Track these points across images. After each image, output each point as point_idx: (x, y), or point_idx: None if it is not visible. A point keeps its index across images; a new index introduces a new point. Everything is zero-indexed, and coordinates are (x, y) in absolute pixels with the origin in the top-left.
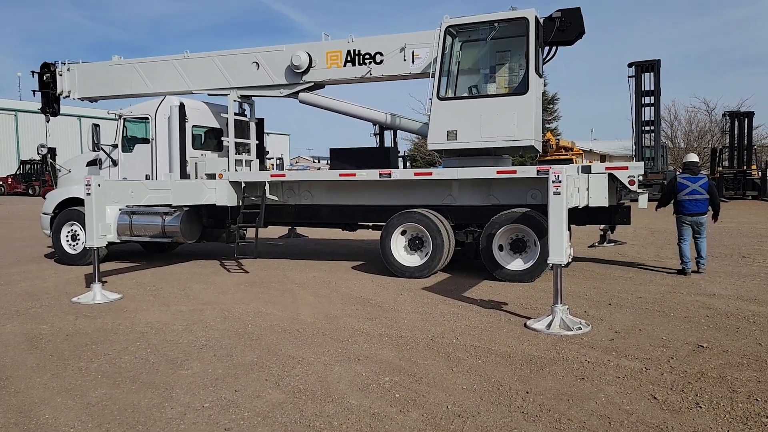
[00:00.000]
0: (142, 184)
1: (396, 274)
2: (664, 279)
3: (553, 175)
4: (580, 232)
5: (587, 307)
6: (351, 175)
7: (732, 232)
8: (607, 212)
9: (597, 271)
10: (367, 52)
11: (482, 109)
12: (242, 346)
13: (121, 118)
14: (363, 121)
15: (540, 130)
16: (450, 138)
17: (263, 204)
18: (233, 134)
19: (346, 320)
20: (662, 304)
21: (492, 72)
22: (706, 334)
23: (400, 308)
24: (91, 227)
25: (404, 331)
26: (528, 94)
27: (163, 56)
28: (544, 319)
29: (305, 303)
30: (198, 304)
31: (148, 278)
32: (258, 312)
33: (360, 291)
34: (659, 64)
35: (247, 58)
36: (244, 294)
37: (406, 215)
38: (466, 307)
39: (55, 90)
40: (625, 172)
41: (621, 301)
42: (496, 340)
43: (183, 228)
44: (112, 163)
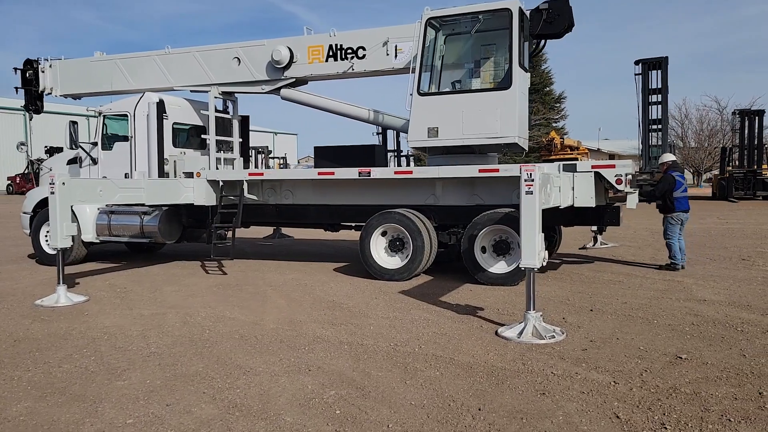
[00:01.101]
0: (112, 183)
1: (375, 277)
2: (654, 283)
3: (524, 173)
4: (573, 234)
5: (567, 313)
6: (330, 173)
7: (736, 233)
8: (595, 213)
9: (585, 274)
10: (349, 47)
11: (464, 104)
12: (191, 354)
13: (101, 115)
14: (346, 118)
15: (525, 126)
16: (431, 135)
17: (241, 203)
18: (214, 131)
19: (310, 326)
20: (647, 311)
21: (477, 66)
22: (688, 343)
23: (370, 313)
24: (54, 227)
25: (367, 338)
26: (511, 89)
27: (144, 52)
28: (515, 326)
29: (274, 307)
30: (163, 308)
31: (121, 280)
32: (221, 317)
33: (334, 294)
34: (666, 61)
35: (228, 53)
36: (213, 297)
37: (386, 215)
38: (439, 313)
39: (38, 87)
40: (611, 171)
41: (604, 307)
42: (462, 349)
43: (162, 228)
44: (92, 161)
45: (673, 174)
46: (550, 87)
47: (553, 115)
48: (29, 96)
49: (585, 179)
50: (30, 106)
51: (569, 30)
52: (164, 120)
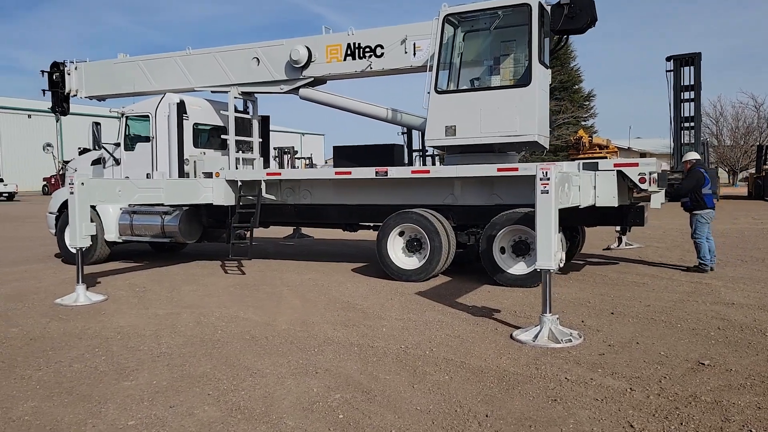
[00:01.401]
0: (131, 183)
1: (393, 278)
2: (680, 285)
3: (540, 171)
4: (597, 234)
5: (586, 316)
6: (347, 173)
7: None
8: (618, 213)
9: (609, 276)
10: (367, 45)
11: (482, 102)
12: (201, 355)
13: (123, 116)
14: (365, 117)
15: (546, 124)
16: (448, 134)
17: (259, 203)
18: (233, 132)
19: (322, 327)
20: (671, 314)
21: (496, 63)
22: (712, 349)
23: (384, 315)
24: (74, 227)
25: (378, 340)
26: (531, 86)
27: (166, 53)
28: (531, 329)
29: (288, 308)
30: (178, 308)
31: (141, 279)
32: (234, 317)
33: (350, 295)
34: (699, 57)
35: (248, 53)
36: (229, 297)
37: (403, 215)
38: (454, 315)
39: (64, 89)
40: (635, 169)
41: (625, 310)
42: (474, 352)
43: (182, 228)
44: (115, 162)
45: (702, 170)
46: (579, 85)
47: (582, 114)
48: (56, 98)
49: (607, 178)
50: (57, 107)
51: (592, 25)
52: (185, 120)
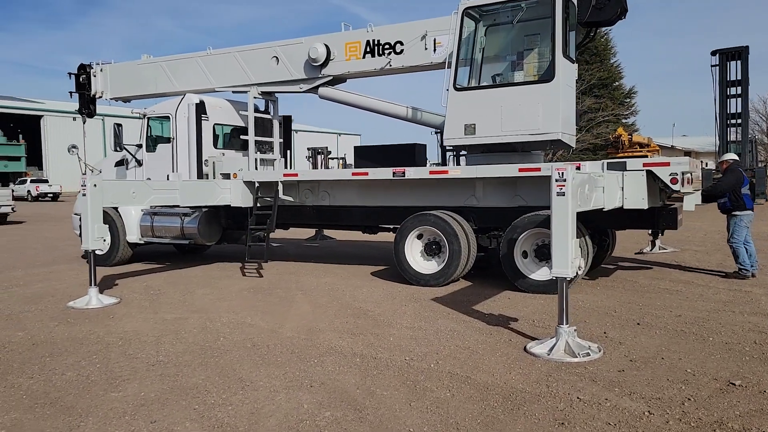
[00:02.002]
0: (145, 185)
1: (411, 282)
2: (717, 294)
3: (555, 172)
4: (631, 237)
5: (609, 327)
6: (363, 174)
7: None
8: (649, 215)
9: (640, 282)
10: (386, 42)
11: (503, 99)
12: (197, 365)
13: (145, 117)
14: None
15: (571, 122)
16: (468, 132)
17: (275, 205)
18: (253, 132)
19: (328, 336)
20: (703, 325)
21: (519, 59)
22: (745, 367)
23: (394, 322)
24: (86, 229)
25: (383, 351)
26: (554, 82)
27: (187, 53)
28: (546, 342)
29: (297, 314)
30: (187, 312)
31: (158, 281)
32: (240, 323)
33: (363, 301)
34: (747, 51)
35: (267, 52)
36: (241, 301)
37: (421, 218)
38: (467, 323)
39: (90, 91)
40: (665, 169)
41: (654, 321)
42: (482, 366)
43: (201, 229)
44: (137, 163)
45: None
46: (620, 81)
47: (623, 111)
48: (83, 100)
49: (635, 179)
50: (83, 109)
51: (622, 16)
52: (204, 121)
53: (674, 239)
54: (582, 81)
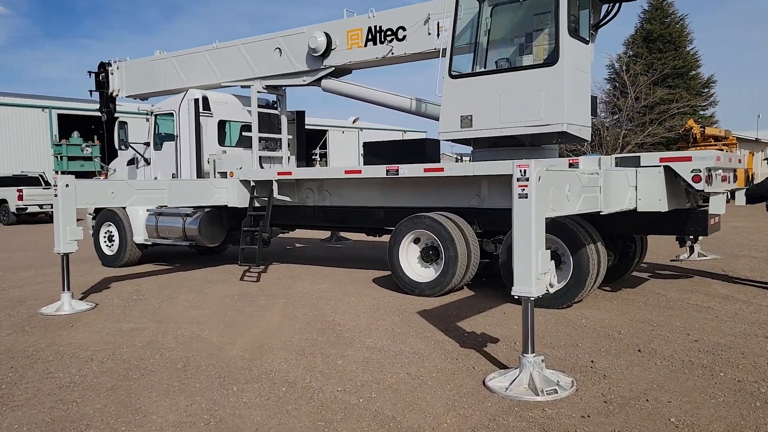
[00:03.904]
0: (127, 185)
1: (405, 291)
2: (756, 313)
3: (517, 170)
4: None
5: (602, 354)
6: (356, 172)
7: None
8: (674, 219)
9: (668, 296)
10: (388, 28)
11: (501, 87)
12: (106, 389)
13: (152, 114)
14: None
15: (582, 111)
16: (464, 125)
17: (269, 205)
18: (257, 128)
19: (274, 356)
20: (720, 356)
21: (521, 40)
22: (750, 417)
23: (358, 340)
24: (58, 232)
25: (319, 378)
26: (558, 65)
27: (196, 48)
28: (509, 373)
29: (261, 327)
30: (150, 322)
31: (151, 285)
32: (193, 337)
33: (343, 312)
34: None
35: (270, 44)
36: (213, 311)
37: (415, 220)
38: (439, 344)
39: (108, 89)
40: (686, 165)
41: (661, 347)
42: (420, 403)
43: (202, 230)
44: (145, 162)
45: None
46: (697, 70)
47: (700, 102)
48: (102, 99)
49: (651, 176)
50: (103, 108)
51: None
52: (208, 117)
53: (731, 244)
54: (653, 71)
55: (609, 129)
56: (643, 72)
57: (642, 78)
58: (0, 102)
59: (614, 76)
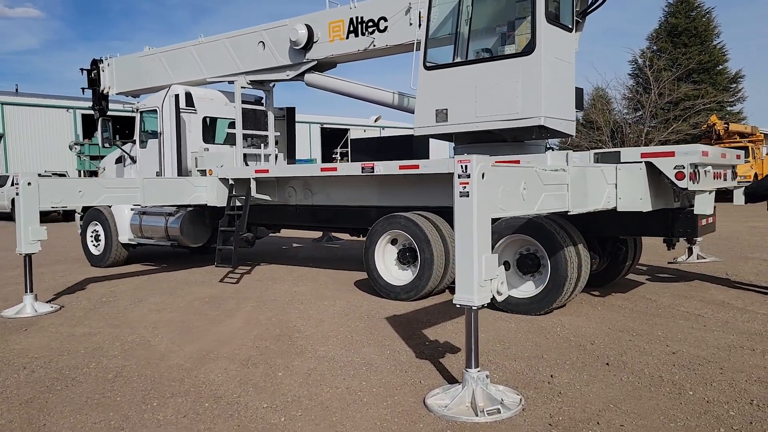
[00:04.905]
0: (96, 183)
1: (381, 295)
2: (749, 322)
3: (458, 166)
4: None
5: (565, 367)
6: (332, 169)
7: None
8: (661, 219)
9: (660, 302)
10: (370, 19)
11: (477, 78)
12: (19, 404)
13: (137, 111)
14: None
15: (564, 103)
16: (439, 119)
17: (247, 205)
18: (241, 125)
19: (217, 365)
20: (695, 371)
21: (509, 29)
22: None
23: (311, 349)
24: (20, 232)
25: (250, 392)
26: (535, 54)
27: (182, 43)
28: (452, 389)
29: (218, 333)
30: (107, 327)
31: (127, 286)
32: (142, 344)
33: (308, 318)
34: None
35: (254, 37)
36: (177, 314)
37: (391, 220)
38: (394, 354)
39: (100, 87)
40: (669, 161)
41: (633, 360)
42: (344, 424)
43: (185, 230)
44: (131, 160)
45: None
46: (724, 65)
47: (727, 98)
48: (95, 96)
49: (631, 173)
50: (95, 106)
51: None
52: (192, 114)
53: (744, 245)
54: (678, 66)
55: (631, 126)
56: (667, 67)
57: (666, 73)
58: (26, 103)
59: (637, 72)
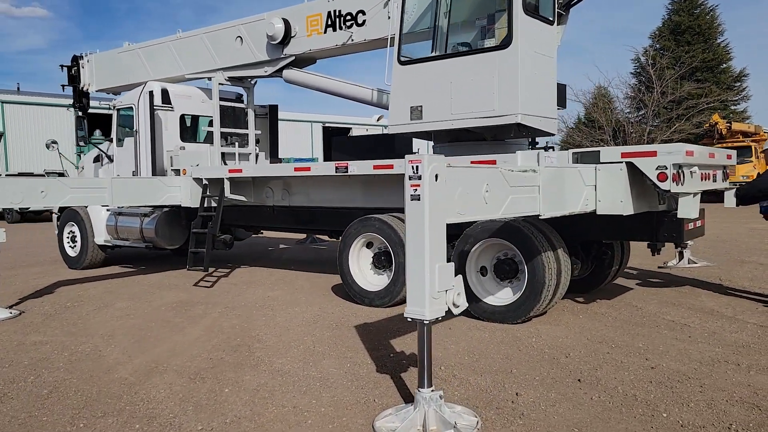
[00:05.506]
0: (60, 183)
1: (355, 300)
2: (739, 332)
3: (409, 166)
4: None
5: (534, 384)
6: (306, 169)
7: None
8: (646, 223)
9: (646, 309)
10: (348, 12)
11: (452, 74)
12: None
13: (114, 108)
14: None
15: (544, 100)
16: (414, 117)
17: (220, 206)
18: (218, 123)
19: (161, 379)
20: (672, 388)
21: (490, 22)
22: None
23: (268, 361)
24: None
25: (188, 412)
26: (511, 48)
27: (161, 38)
28: (404, 410)
29: (174, 342)
30: (63, 335)
31: (98, 290)
32: (91, 353)
33: (275, 326)
34: None
35: (232, 32)
36: (137, 321)
37: (365, 222)
38: (354, 368)
39: (80, 84)
40: (651, 161)
41: (606, 376)
42: None
43: (160, 231)
44: (108, 159)
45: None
46: (728, 63)
47: (731, 97)
48: (75, 94)
49: (611, 174)
50: (76, 103)
51: None
52: (168, 111)
53: (742, 248)
54: (681, 64)
55: (633, 125)
56: (670, 65)
57: (669, 72)
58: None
59: (639, 71)
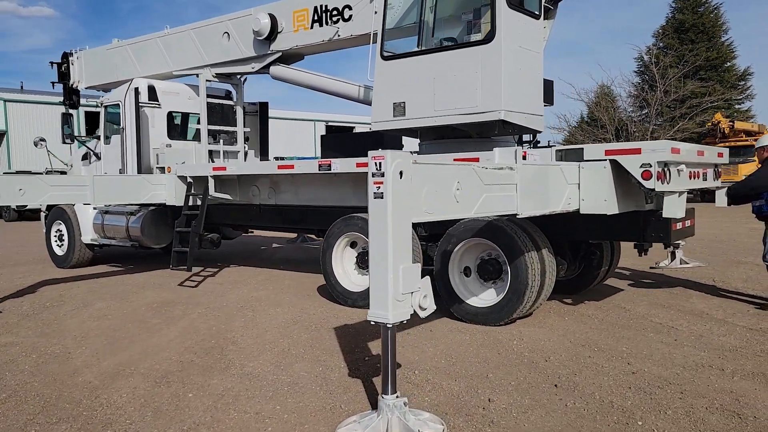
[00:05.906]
0: (39, 180)
1: (339, 301)
2: (727, 335)
3: (372, 163)
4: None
5: (506, 390)
6: (289, 167)
7: None
8: (632, 222)
9: (635, 311)
10: (334, 7)
11: (435, 69)
12: None
13: (102, 105)
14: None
15: (527, 96)
16: (397, 113)
17: (204, 204)
18: (206, 120)
19: (126, 383)
20: (652, 395)
21: (476, 17)
22: None
23: (238, 364)
24: None
25: (147, 417)
26: (495, 42)
27: (149, 35)
28: (367, 418)
29: (147, 343)
30: (33, 336)
31: (81, 290)
32: (59, 356)
33: (253, 327)
34: None
35: (219, 28)
36: (114, 322)
37: (348, 221)
38: (325, 373)
39: (70, 80)
40: (635, 158)
41: (584, 381)
42: None
43: (146, 230)
44: (96, 156)
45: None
46: (732, 62)
47: (735, 95)
48: (65, 91)
49: (595, 172)
50: (66, 101)
51: None
52: (155, 108)
53: (739, 248)
54: (685, 63)
55: (636, 124)
56: (673, 64)
57: (672, 70)
58: (29, 100)
59: (643, 69)
